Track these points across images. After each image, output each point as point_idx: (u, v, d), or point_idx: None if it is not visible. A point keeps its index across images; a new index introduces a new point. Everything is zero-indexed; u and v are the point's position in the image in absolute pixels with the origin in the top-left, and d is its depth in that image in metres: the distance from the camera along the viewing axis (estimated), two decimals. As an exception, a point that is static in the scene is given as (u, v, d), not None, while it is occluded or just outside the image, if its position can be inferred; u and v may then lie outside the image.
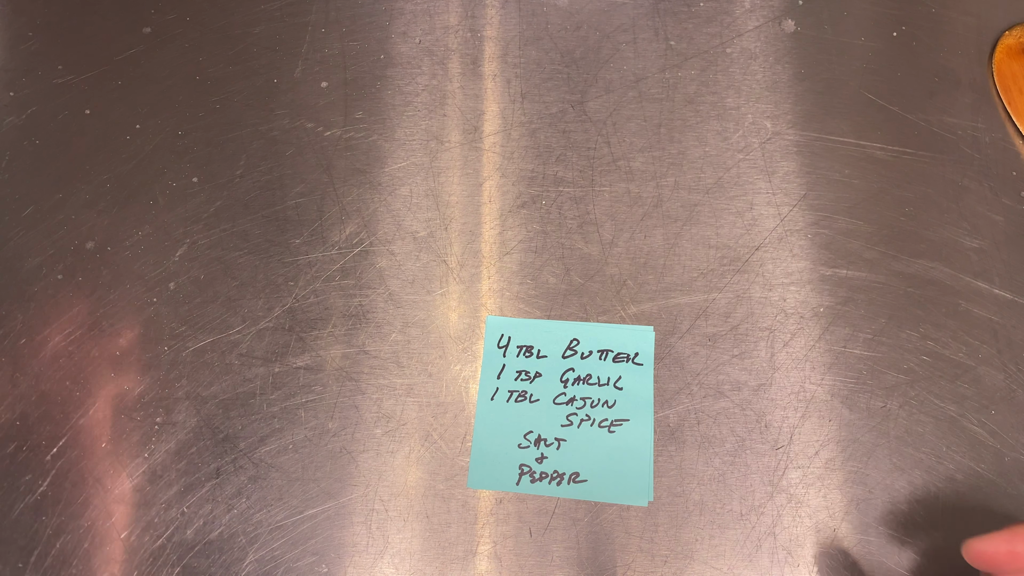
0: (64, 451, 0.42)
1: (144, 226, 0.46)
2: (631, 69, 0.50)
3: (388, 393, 0.43)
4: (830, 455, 0.41)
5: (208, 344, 0.44)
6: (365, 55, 0.50)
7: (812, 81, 0.49)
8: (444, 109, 0.49)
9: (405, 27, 0.51)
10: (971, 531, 0.40)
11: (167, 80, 0.50)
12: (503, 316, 0.44)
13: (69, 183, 0.47)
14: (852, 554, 0.39)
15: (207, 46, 0.51)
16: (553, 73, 0.50)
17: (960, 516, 0.40)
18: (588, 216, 0.46)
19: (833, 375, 0.43)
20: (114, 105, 0.49)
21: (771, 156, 0.47)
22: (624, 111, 0.49)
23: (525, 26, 0.51)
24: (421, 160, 0.48)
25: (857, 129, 0.48)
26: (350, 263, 0.45)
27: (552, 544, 0.40)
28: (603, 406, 0.42)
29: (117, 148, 0.48)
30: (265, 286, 0.45)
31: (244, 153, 0.48)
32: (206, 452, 0.42)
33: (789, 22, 0.51)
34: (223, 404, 0.42)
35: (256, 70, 0.50)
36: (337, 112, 0.49)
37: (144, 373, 0.43)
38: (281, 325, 0.44)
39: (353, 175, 0.47)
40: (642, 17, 0.52)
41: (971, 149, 0.47)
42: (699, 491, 0.41)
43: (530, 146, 0.48)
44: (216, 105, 0.49)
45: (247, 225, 0.46)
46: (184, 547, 0.40)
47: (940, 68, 0.49)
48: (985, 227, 0.46)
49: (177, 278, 0.45)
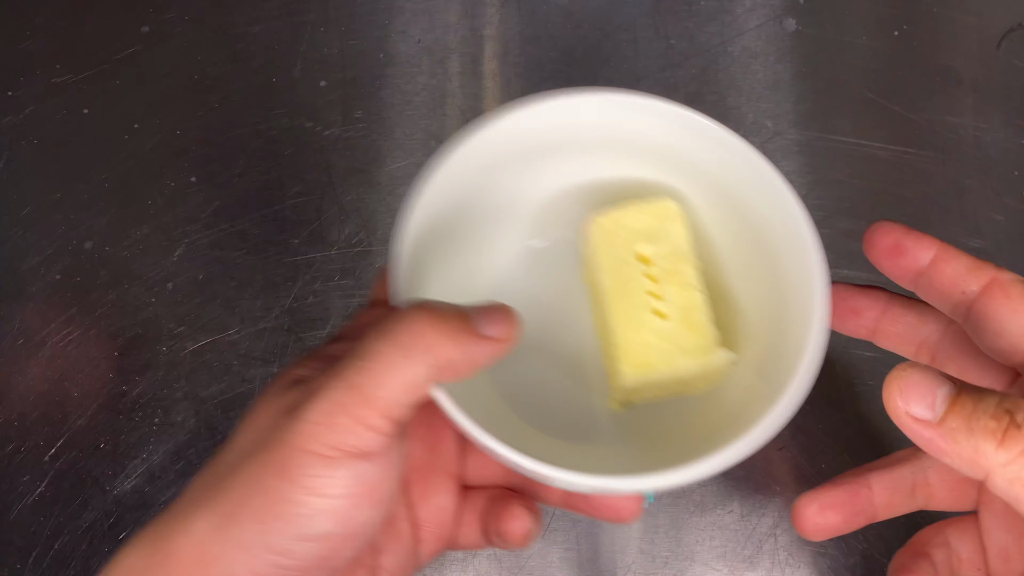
0: (62, 452, 0.42)
1: (142, 226, 0.46)
2: (631, 68, 0.50)
3: (387, 394, 0.43)
4: (830, 455, 0.41)
5: (207, 344, 0.44)
6: (364, 54, 0.50)
7: (813, 80, 0.49)
8: (444, 108, 0.49)
9: (404, 26, 0.51)
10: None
11: (165, 79, 0.50)
12: (503, 316, 0.44)
13: (67, 183, 0.47)
14: (852, 555, 0.39)
15: (206, 45, 0.50)
16: (553, 72, 0.50)
17: (961, 517, 0.40)
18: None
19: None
20: (112, 105, 0.49)
21: (772, 156, 0.47)
22: (624, 110, 0.49)
23: (525, 25, 0.51)
24: (421, 160, 0.48)
25: (858, 129, 0.48)
26: (349, 263, 0.45)
27: (552, 545, 0.40)
28: (603, 407, 0.42)
29: (115, 148, 0.48)
30: (264, 286, 0.45)
31: (243, 153, 0.48)
32: (205, 453, 0.41)
33: (790, 21, 0.51)
34: (222, 405, 0.42)
35: (255, 69, 0.50)
36: (336, 111, 0.49)
37: (142, 373, 0.43)
38: (280, 325, 0.44)
39: (352, 175, 0.47)
40: (642, 16, 0.51)
41: (973, 149, 0.47)
42: (699, 492, 0.41)
43: (530, 146, 0.48)
44: (215, 104, 0.49)
45: (246, 225, 0.46)
46: (183, 548, 0.40)
47: (942, 67, 0.49)
48: (987, 227, 0.46)
49: (175, 278, 0.45)
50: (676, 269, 0.30)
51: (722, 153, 0.29)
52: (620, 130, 0.30)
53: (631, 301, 0.30)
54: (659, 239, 0.30)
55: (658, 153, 0.31)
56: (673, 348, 0.29)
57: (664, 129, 0.30)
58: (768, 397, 0.26)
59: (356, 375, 0.22)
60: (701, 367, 0.29)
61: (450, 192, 0.29)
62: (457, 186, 0.29)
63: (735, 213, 0.31)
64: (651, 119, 0.30)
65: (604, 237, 0.31)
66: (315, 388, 0.22)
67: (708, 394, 0.31)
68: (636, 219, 0.30)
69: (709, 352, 0.29)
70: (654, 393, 0.31)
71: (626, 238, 0.30)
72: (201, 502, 0.23)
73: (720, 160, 0.30)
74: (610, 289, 0.30)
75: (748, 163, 0.29)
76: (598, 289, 0.31)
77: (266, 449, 0.22)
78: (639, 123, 0.30)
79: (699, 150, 0.30)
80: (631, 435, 0.31)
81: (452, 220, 0.30)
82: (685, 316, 0.29)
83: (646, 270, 0.30)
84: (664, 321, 0.29)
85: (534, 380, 0.32)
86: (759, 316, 0.30)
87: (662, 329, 0.29)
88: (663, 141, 0.30)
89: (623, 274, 0.30)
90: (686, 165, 0.31)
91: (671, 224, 0.30)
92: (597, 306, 0.32)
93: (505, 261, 0.33)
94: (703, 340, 0.29)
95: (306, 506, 0.22)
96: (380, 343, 0.22)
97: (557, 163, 0.32)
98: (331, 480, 0.22)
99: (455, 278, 0.31)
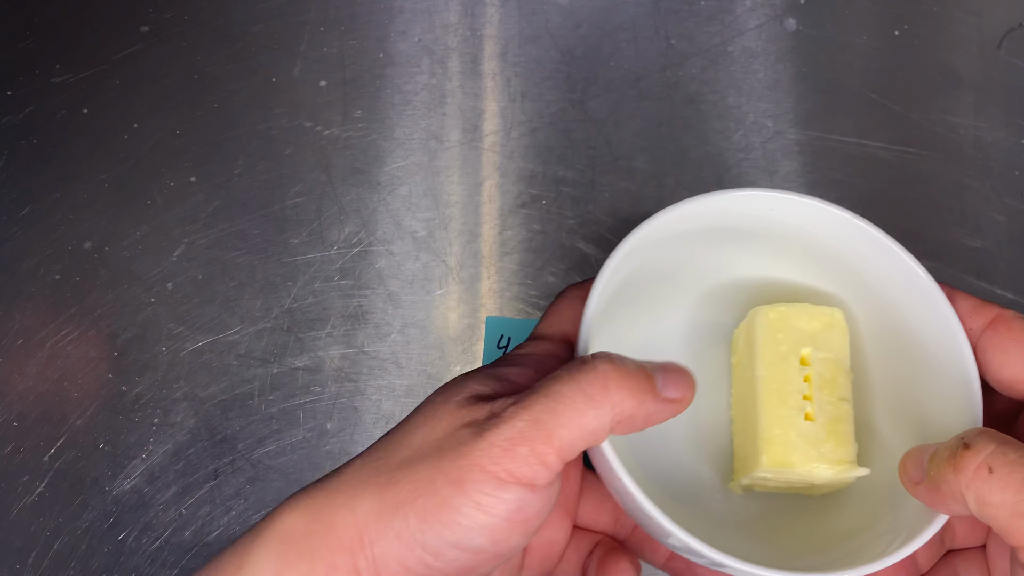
0: (62, 452, 0.42)
1: (142, 226, 0.46)
2: (632, 68, 0.50)
3: (387, 394, 0.42)
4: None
5: (206, 344, 0.43)
6: (364, 54, 0.50)
7: (814, 80, 0.49)
8: (443, 108, 0.49)
9: (404, 25, 0.51)
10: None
11: (165, 79, 0.49)
12: (503, 316, 0.44)
13: (67, 183, 0.47)
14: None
15: (205, 45, 0.50)
16: (553, 72, 0.50)
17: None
18: (589, 216, 0.46)
19: (834, 376, 0.42)
20: (112, 104, 0.49)
21: (772, 155, 0.47)
22: (625, 110, 0.49)
23: (525, 24, 0.51)
24: (420, 159, 0.47)
25: (859, 128, 0.48)
26: (349, 263, 0.45)
27: (552, 546, 0.40)
28: (603, 407, 0.42)
29: (115, 147, 0.48)
30: (263, 286, 0.45)
31: (242, 152, 0.48)
32: (204, 453, 0.41)
33: (791, 20, 0.51)
34: (221, 405, 0.42)
35: (254, 69, 0.50)
36: (336, 111, 0.49)
37: (142, 374, 0.43)
38: (280, 325, 0.44)
39: (352, 174, 0.47)
40: (643, 15, 0.51)
41: (973, 148, 0.47)
42: (700, 493, 0.40)
43: (530, 145, 0.48)
44: (214, 104, 0.49)
45: (245, 225, 0.46)
46: (182, 549, 0.40)
47: (942, 67, 0.49)
48: (987, 227, 0.46)
49: (175, 278, 0.45)
50: (833, 378, 0.31)
51: (892, 271, 0.30)
52: (792, 229, 0.32)
53: (783, 397, 0.30)
54: (822, 345, 0.31)
55: (829, 260, 0.32)
56: (814, 453, 0.30)
57: (839, 239, 0.31)
58: (891, 528, 0.27)
59: (543, 413, 0.23)
60: (835, 477, 0.30)
61: (635, 257, 0.31)
62: (642, 252, 0.31)
63: (894, 334, 0.31)
64: (827, 225, 0.31)
65: (768, 329, 0.31)
66: (502, 414, 0.24)
67: (825, 498, 0.32)
68: (803, 320, 0.31)
69: (847, 466, 0.30)
70: (778, 486, 0.31)
71: (790, 336, 0.31)
72: (369, 485, 0.24)
73: (888, 277, 0.31)
74: (764, 379, 0.31)
75: (914, 282, 0.30)
76: (748, 375, 0.32)
77: (445, 456, 0.24)
78: (813, 227, 0.31)
79: (868, 263, 0.31)
80: (744, 518, 0.32)
81: (630, 282, 0.32)
82: (832, 426, 0.30)
83: (804, 372, 0.31)
84: (811, 424, 0.30)
85: (662, 440, 0.33)
86: (895, 437, 0.31)
87: (807, 432, 0.30)
88: (837, 250, 0.32)
89: (780, 369, 0.31)
90: (853, 276, 0.32)
91: (835, 333, 0.31)
92: (741, 390, 0.33)
93: (664, 327, 0.35)
94: (844, 453, 0.30)
95: (470, 518, 0.23)
96: (569, 387, 0.24)
97: (728, 249, 0.33)
98: (498, 501, 0.23)
99: (621, 332, 0.33)
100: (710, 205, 0.31)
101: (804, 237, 0.32)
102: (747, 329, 0.33)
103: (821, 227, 0.31)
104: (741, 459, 0.32)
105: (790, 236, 0.32)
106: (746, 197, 0.31)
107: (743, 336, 0.33)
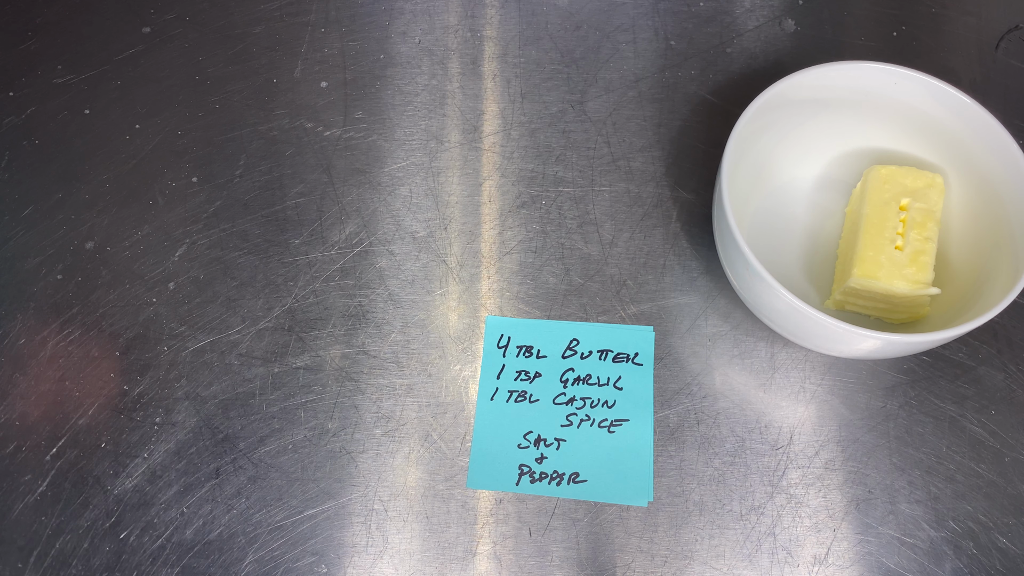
0: (64, 451, 0.42)
1: (143, 226, 0.46)
2: (631, 69, 0.50)
3: (388, 393, 0.43)
4: (830, 455, 0.41)
5: (208, 344, 0.44)
6: (365, 55, 0.50)
7: (812, 81, 0.49)
8: (444, 109, 0.49)
9: (405, 27, 0.51)
10: (971, 532, 0.40)
11: (166, 80, 0.50)
12: (503, 316, 0.44)
13: (68, 183, 0.47)
14: (852, 554, 0.39)
15: (206, 46, 0.51)
16: (553, 73, 0.50)
17: (960, 516, 0.40)
18: (588, 216, 0.46)
19: (833, 375, 0.42)
20: (113, 105, 0.49)
21: (771, 156, 0.47)
22: (624, 111, 0.49)
23: (525, 26, 0.51)
24: (421, 160, 0.48)
25: (857, 129, 0.48)
26: (350, 263, 0.45)
27: (552, 544, 0.40)
28: (603, 406, 0.42)
29: (116, 148, 0.48)
30: (264, 286, 0.45)
31: (243, 153, 0.48)
32: (205, 452, 0.42)
33: (789, 22, 0.51)
34: (223, 404, 0.42)
35: (255, 70, 0.50)
36: (337, 112, 0.49)
37: (143, 373, 0.43)
38: (281, 325, 0.44)
39: (353, 175, 0.47)
40: (642, 17, 0.52)
41: (971, 149, 0.47)
42: (699, 491, 0.41)
43: (530, 146, 0.48)
44: (215, 105, 0.49)
45: (246, 225, 0.46)
46: (183, 547, 0.40)
47: (941, 67, 0.49)
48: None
49: (176, 278, 0.45)
50: (923, 223, 0.40)
51: (992, 149, 0.39)
52: (909, 105, 0.42)
53: (880, 230, 0.40)
54: (920, 198, 0.40)
55: (939, 135, 0.42)
56: (897, 272, 0.39)
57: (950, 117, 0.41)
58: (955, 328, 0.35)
59: None
60: (911, 293, 0.39)
61: (771, 114, 0.41)
62: (778, 112, 0.42)
63: (981, 199, 0.41)
64: (941, 103, 0.41)
65: (879, 180, 0.41)
66: None
67: (903, 326, 0.41)
68: (908, 178, 0.41)
69: (921, 285, 0.39)
70: (864, 305, 0.41)
71: (895, 188, 0.41)
72: None
73: (988, 155, 0.40)
74: (867, 215, 0.40)
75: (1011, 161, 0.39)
76: (857, 216, 0.41)
77: None
78: (928, 105, 0.41)
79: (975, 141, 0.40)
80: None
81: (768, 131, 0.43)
82: (915, 256, 0.39)
83: (901, 216, 0.40)
84: (899, 252, 0.39)
85: (780, 258, 0.43)
86: (966, 282, 0.40)
87: (894, 257, 0.39)
88: (947, 126, 0.41)
89: (882, 212, 0.40)
90: (957, 150, 0.41)
91: (933, 192, 0.40)
92: (849, 228, 0.42)
93: (797, 178, 0.45)
94: (922, 276, 0.39)
95: None
96: None
97: (853, 120, 0.43)
98: None
99: (757, 175, 0.44)
100: (843, 71, 0.40)
101: (918, 114, 0.41)
102: (862, 182, 0.42)
103: (936, 104, 0.40)
104: (839, 276, 0.41)
105: (906, 111, 0.42)
106: (873, 69, 0.40)
107: (858, 188, 0.42)
